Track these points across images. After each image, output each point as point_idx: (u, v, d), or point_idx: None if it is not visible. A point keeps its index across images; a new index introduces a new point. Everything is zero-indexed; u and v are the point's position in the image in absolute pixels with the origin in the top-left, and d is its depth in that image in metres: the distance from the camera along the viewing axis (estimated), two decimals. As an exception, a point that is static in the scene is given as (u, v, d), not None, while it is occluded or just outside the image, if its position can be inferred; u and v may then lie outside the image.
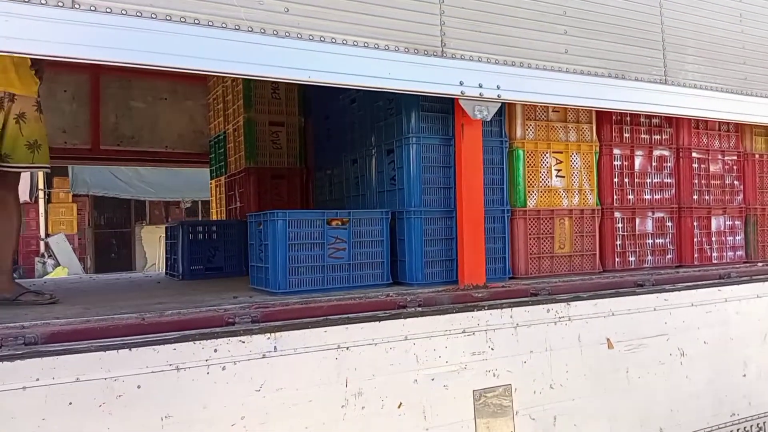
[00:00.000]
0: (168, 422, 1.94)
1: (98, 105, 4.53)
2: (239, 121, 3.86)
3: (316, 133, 3.89)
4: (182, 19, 1.99)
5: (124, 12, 1.89)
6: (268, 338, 2.13)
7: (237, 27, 2.08)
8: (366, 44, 2.34)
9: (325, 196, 3.71)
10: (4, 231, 2.52)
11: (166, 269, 3.98)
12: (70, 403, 1.82)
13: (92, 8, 1.85)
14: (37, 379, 1.79)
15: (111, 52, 1.88)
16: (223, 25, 2.06)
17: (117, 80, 4.56)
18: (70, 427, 1.82)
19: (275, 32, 2.16)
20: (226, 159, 4.23)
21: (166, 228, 3.94)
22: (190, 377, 1.99)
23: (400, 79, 2.42)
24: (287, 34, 2.18)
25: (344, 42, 2.29)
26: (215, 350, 2.04)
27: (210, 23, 2.04)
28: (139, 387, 1.91)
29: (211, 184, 4.67)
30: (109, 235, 13.51)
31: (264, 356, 2.11)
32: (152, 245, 12.20)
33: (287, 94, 3.92)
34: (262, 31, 2.13)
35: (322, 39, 2.24)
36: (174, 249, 3.66)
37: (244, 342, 2.09)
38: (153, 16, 1.93)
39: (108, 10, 1.87)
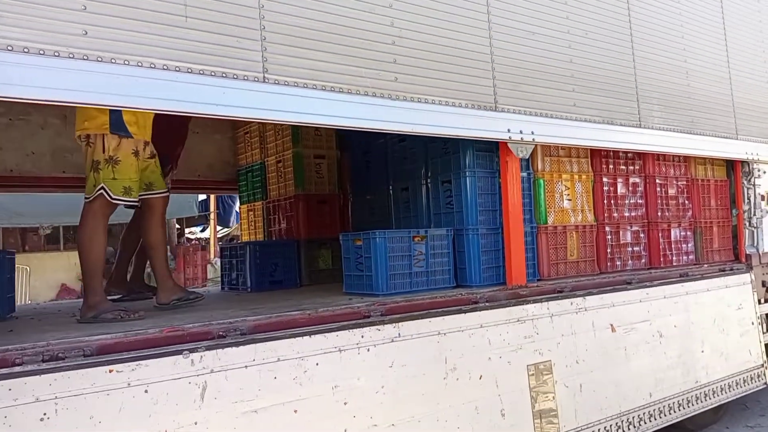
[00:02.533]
0: (336, 390, 2.58)
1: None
2: (287, 154, 4.48)
3: (354, 165, 4.58)
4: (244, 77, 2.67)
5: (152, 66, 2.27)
6: (395, 327, 2.81)
7: (347, 91, 2.79)
8: (447, 103, 3.10)
9: (365, 218, 4.40)
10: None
11: (224, 285, 4.51)
12: (275, 378, 2.43)
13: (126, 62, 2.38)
14: (253, 360, 2.39)
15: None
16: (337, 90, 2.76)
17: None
18: (277, 395, 2.42)
19: (390, 96, 2.87)
20: (264, 187, 4.81)
21: (221, 248, 4.47)
22: (348, 357, 2.64)
23: (468, 128, 3.20)
24: (397, 97, 2.90)
25: (435, 102, 3.04)
26: (362, 336, 2.70)
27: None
28: (317, 364, 2.54)
29: (242, 208, 5.23)
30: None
31: (393, 340, 2.79)
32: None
33: (326, 131, 4.58)
34: (376, 95, 2.83)
35: (424, 101, 2.98)
36: (239, 266, 4.22)
37: (379, 330, 2.76)
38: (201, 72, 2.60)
39: (139, 64, 2.33)
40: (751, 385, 4.62)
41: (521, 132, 3.40)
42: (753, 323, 4.75)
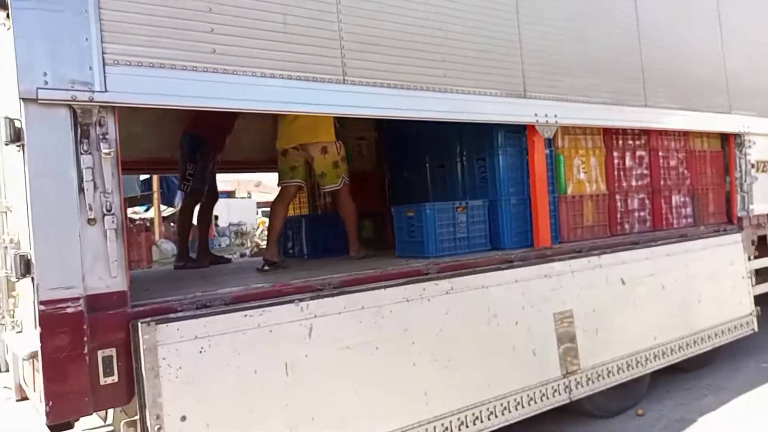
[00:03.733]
0: (405, 332, 3.19)
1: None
2: (331, 136, 5.02)
3: (392, 145, 5.14)
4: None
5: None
6: (449, 282, 3.42)
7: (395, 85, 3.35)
8: (486, 93, 3.66)
9: (403, 193, 4.97)
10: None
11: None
12: (360, 322, 3.04)
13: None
14: (344, 307, 2.99)
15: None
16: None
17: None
18: (362, 335, 3.02)
19: (440, 89, 3.43)
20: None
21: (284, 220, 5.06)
22: (413, 306, 3.24)
23: (503, 114, 3.77)
24: (446, 90, 3.46)
25: (477, 92, 3.60)
26: (424, 289, 3.30)
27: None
28: (391, 312, 3.15)
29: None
30: None
31: (447, 293, 3.40)
32: None
33: (367, 115, 5.12)
34: (430, 89, 3.39)
35: (468, 92, 3.54)
36: (294, 237, 4.82)
37: (436, 284, 3.36)
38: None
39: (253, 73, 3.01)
40: (741, 331, 5.27)
41: (546, 115, 3.97)
42: (743, 277, 5.38)
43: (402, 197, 4.91)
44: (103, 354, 2.41)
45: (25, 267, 2.33)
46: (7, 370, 3.73)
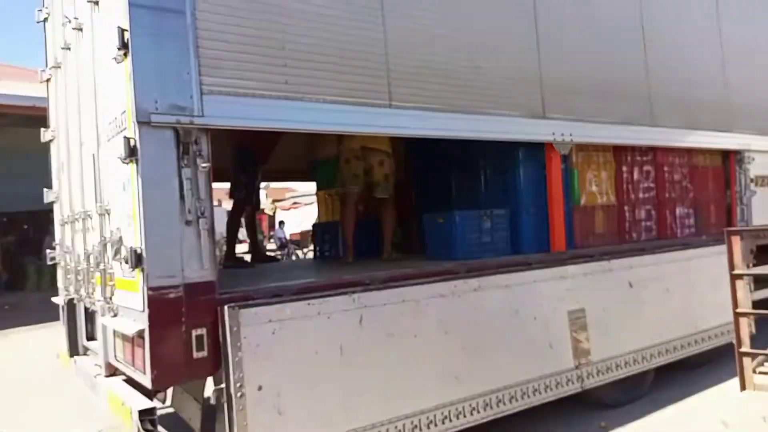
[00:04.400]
0: (440, 323, 3.66)
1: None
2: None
3: (418, 158, 5.63)
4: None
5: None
6: (476, 281, 3.90)
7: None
8: (510, 114, 4.16)
9: (427, 201, 5.44)
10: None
11: (317, 255, 5.62)
12: (402, 313, 3.52)
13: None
14: (389, 299, 3.48)
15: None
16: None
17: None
18: (403, 325, 3.50)
19: (471, 111, 3.93)
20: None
21: (314, 226, 5.56)
22: (446, 300, 3.72)
23: (525, 133, 4.26)
24: (477, 111, 3.96)
25: (503, 114, 4.10)
26: (455, 286, 3.78)
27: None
28: (427, 305, 3.63)
29: (319, 194, 6.33)
30: None
31: (475, 290, 3.87)
32: None
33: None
34: (463, 110, 3.89)
35: (495, 113, 4.04)
36: (331, 240, 5.33)
37: (466, 282, 3.84)
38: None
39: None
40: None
41: (563, 134, 4.47)
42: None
43: (428, 206, 5.39)
44: (196, 332, 2.91)
45: (137, 259, 2.83)
46: (86, 353, 4.25)
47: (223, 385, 2.92)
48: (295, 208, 29.59)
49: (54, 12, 4.50)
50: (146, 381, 2.88)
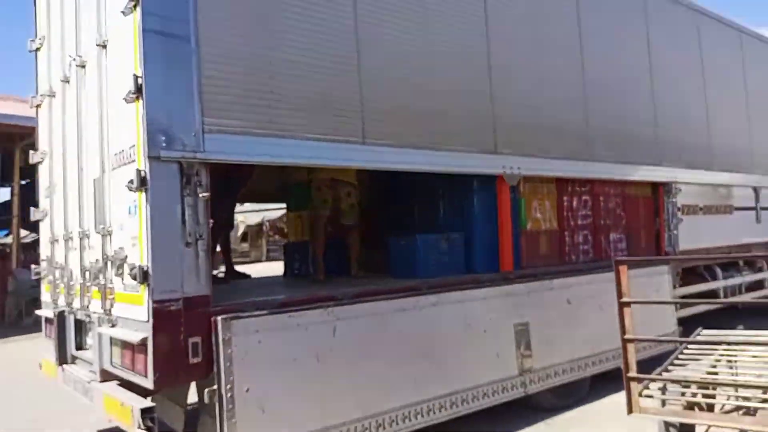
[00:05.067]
0: (402, 335, 4.16)
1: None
2: (333, 176, 6.03)
3: (381, 186, 6.16)
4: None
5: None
6: (435, 297, 4.42)
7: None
8: (466, 150, 4.73)
9: (390, 225, 5.97)
10: None
11: (287, 273, 6.05)
12: (369, 324, 4.01)
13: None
14: (359, 313, 3.96)
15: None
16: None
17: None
18: (374, 333, 3.99)
19: (434, 148, 4.48)
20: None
21: (285, 245, 6.00)
22: (408, 314, 4.22)
23: (479, 167, 4.84)
24: (437, 148, 4.51)
25: (460, 150, 4.67)
26: (417, 301, 4.30)
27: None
28: (392, 317, 4.13)
29: (290, 215, 6.81)
30: None
31: (434, 305, 4.39)
32: None
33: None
34: (428, 147, 4.44)
35: (454, 149, 4.61)
36: (302, 259, 5.79)
37: (427, 297, 4.36)
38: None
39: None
40: (667, 347, 6.40)
41: (512, 168, 5.07)
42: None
43: (392, 229, 5.92)
44: (192, 340, 3.34)
45: (143, 276, 3.24)
46: (74, 362, 4.57)
47: (215, 387, 3.34)
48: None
49: (51, 45, 4.84)
50: (148, 383, 3.28)
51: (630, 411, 3.45)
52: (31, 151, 5.26)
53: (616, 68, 6.30)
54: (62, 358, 4.52)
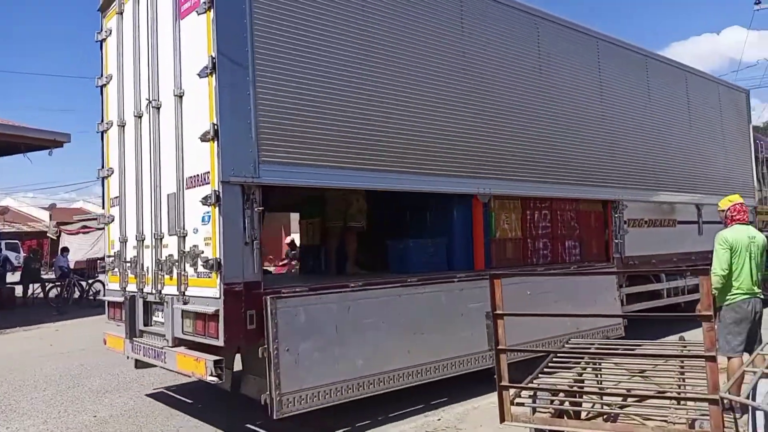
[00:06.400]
0: (397, 314, 5.50)
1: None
2: (341, 191, 7.39)
3: (381, 202, 7.51)
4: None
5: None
6: (423, 287, 5.76)
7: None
8: (447, 174, 6.10)
9: (385, 231, 7.32)
10: None
11: (303, 270, 7.37)
12: (374, 306, 5.35)
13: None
14: (363, 297, 5.30)
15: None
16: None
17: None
18: (374, 315, 5.33)
19: (423, 173, 5.85)
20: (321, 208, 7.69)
21: (301, 247, 7.32)
22: (402, 298, 5.56)
23: (458, 188, 6.22)
24: (426, 173, 5.88)
25: (443, 174, 6.03)
26: (409, 289, 5.64)
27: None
28: (389, 301, 5.46)
29: (302, 222, 8.17)
30: None
31: (421, 293, 5.74)
32: None
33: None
34: (417, 172, 5.80)
35: (437, 174, 5.98)
36: (315, 258, 7.12)
37: (414, 287, 5.70)
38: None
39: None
40: (614, 333, 7.80)
41: (485, 188, 6.45)
42: (615, 299, 7.95)
43: (389, 234, 7.28)
44: (249, 313, 4.66)
45: (217, 266, 4.55)
46: (141, 336, 5.84)
47: (266, 346, 4.65)
48: (84, 232, 26.97)
49: (123, 85, 6.12)
50: (219, 342, 4.59)
51: (502, 419, 3.55)
52: (98, 168, 6.55)
53: (573, 105, 7.71)
54: (132, 333, 5.80)
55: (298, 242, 10.79)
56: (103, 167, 6.56)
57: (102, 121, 6.57)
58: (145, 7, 5.67)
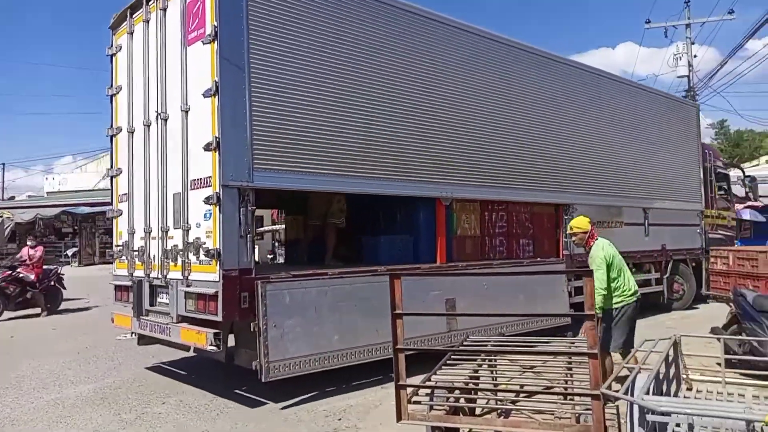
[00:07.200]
0: (367, 299, 6.47)
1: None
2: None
3: (357, 202, 8.47)
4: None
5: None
6: (387, 272, 6.73)
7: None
8: (412, 180, 7.08)
9: (359, 227, 8.29)
10: None
11: (286, 260, 8.32)
12: (347, 291, 6.31)
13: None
14: (340, 283, 6.27)
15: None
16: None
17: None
18: (352, 297, 6.30)
19: (394, 180, 6.83)
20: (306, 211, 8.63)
21: (287, 241, 8.27)
22: (372, 285, 6.53)
23: (423, 192, 7.21)
24: (394, 179, 6.86)
25: (408, 180, 7.02)
26: (379, 278, 6.61)
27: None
28: (361, 287, 6.44)
29: (287, 218, 9.08)
30: None
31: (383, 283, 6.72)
32: None
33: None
34: (389, 179, 6.78)
35: (403, 180, 6.96)
36: (300, 251, 8.06)
37: (385, 276, 6.67)
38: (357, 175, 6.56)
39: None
40: (560, 321, 8.85)
41: (446, 192, 7.45)
42: (563, 291, 9.00)
43: (363, 231, 8.25)
44: (243, 294, 5.60)
45: (217, 255, 5.49)
46: (147, 315, 6.74)
47: (256, 323, 5.59)
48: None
49: (132, 95, 7.00)
50: (218, 318, 5.53)
51: (399, 418, 3.47)
52: (107, 168, 7.42)
53: (528, 119, 8.73)
54: (139, 312, 6.71)
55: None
56: (112, 167, 7.44)
57: (111, 126, 7.45)
58: (154, 31, 6.56)
